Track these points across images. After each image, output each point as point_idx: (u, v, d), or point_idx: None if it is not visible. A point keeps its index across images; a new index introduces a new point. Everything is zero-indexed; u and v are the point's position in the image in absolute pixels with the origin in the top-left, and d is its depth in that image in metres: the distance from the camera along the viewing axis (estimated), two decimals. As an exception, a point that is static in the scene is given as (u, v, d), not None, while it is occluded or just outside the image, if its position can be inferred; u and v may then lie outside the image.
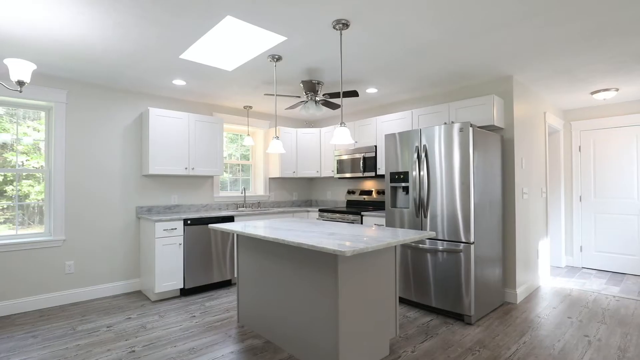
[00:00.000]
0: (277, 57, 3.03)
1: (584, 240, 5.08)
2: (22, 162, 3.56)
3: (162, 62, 3.19)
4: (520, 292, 3.63)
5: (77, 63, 3.20)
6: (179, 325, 3.02)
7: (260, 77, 3.64)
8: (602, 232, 4.93)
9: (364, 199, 4.93)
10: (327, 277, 2.19)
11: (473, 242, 3.03)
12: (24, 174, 3.56)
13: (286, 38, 2.68)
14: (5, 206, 3.45)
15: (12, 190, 3.49)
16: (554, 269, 4.99)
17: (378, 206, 4.75)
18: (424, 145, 3.32)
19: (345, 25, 2.41)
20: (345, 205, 5.28)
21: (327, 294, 2.19)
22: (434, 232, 2.36)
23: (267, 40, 2.70)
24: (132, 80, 3.72)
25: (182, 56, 3.03)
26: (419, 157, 3.37)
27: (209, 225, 2.96)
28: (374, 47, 2.85)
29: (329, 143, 4.93)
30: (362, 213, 4.18)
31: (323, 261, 2.23)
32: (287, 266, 2.53)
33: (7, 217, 3.46)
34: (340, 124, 2.42)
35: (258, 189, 5.42)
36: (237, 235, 3.15)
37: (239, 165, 5.31)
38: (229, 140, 5.24)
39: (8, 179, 3.47)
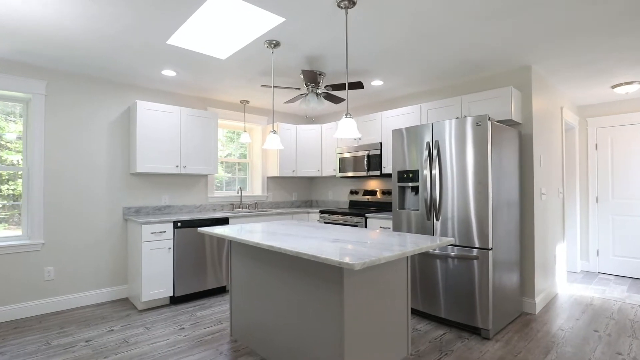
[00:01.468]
0: (274, 42, 2.73)
1: (601, 244, 4.78)
2: (18, 160, 3.34)
3: (147, 49, 2.90)
4: (539, 301, 3.34)
5: (53, 49, 2.91)
6: (166, 340, 2.73)
7: (257, 67, 3.34)
8: (620, 235, 4.64)
9: (368, 199, 4.64)
10: (331, 290, 1.90)
11: (491, 248, 2.74)
12: (20, 172, 3.31)
13: (285, 19, 2.38)
14: (0, 205, 3.24)
15: (7, 189, 3.28)
16: (569, 275, 4.70)
17: (383, 207, 4.46)
18: (436, 141, 3.03)
19: (352, 2, 2.11)
20: (347, 207, 4.99)
21: (331, 308, 1.90)
22: (453, 239, 2.07)
23: (264, 22, 2.41)
24: (118, 70, 3.42)
25: (169, 41, 2.73)
26: (430, 155, 3.07)
27: (199, 229, 2.67)
28: (382, 30, 2.56)
29: (334, 137, 4.63)
30: (367, 215, 3.88)
31: (326, 272, 1.94)
32: (286, 276, 2.24)
33: (1, 217, 3.25)
34: (346, 114, 2.12)
35: (255, 188, 5.13)
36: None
37: (237, 164, 5.01)
38: (227, 140, 4.95)
39: (3, 177, 3.26)
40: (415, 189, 3.28)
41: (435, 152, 3.03)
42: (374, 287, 2.00)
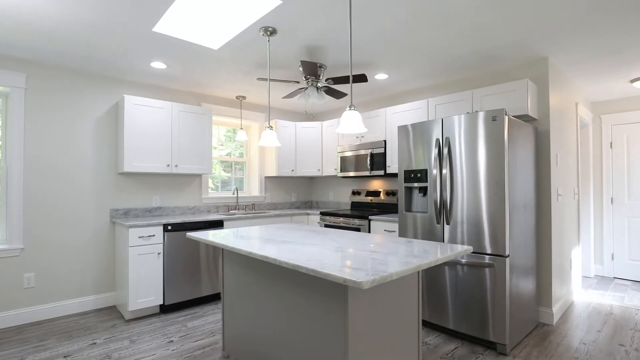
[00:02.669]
0: (270, 29, 2.49)
1: (616, 248, 4.54)
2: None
3: (131, 37, 2.66)
4: (556, 310, 3.10)
5: (29, 38, 2.67)
6: (152, 355, 2.49)
7: (252, 58, 3.11)
8: (636, 238, 4.40)
9: (371, 200, 4.40)
10: (334, 306, 1.66)
11: (508, 255, 2.50)
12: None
13: (281, 2, 2.15)
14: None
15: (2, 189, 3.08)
16: (583, 280, 4.46)
17: (387, 209, 4.22)
18: (446, 138, 2.79)
19: (357, -20, 1.88)
20: (349, 208, 4.75)
21: (334, 326, 1.67)
22: (471, 247, 1.84)
23: (258, 5, 2.17)
24: (103, 61, 3.18)
25: (155, 29, 2.49)
26: (440, 153, 2.84)
27: (187, 234, 2.43)
28: (387, 15, 2.32)
29: (336, 131, 4.40)
30: (370, 217, 3.64)
31: (328, 286, 1.70)
32: (283, 287, 2.01)
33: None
34: (350, 106, 1.89)
35: (253, 189, 4.89)
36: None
37: (235, 163, 4.77)
38: (227, 139, 4.71)
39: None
40: (423, 190, 3.04)
41: (445, 150, 2.79)
42: (382, 303, 1.76)
